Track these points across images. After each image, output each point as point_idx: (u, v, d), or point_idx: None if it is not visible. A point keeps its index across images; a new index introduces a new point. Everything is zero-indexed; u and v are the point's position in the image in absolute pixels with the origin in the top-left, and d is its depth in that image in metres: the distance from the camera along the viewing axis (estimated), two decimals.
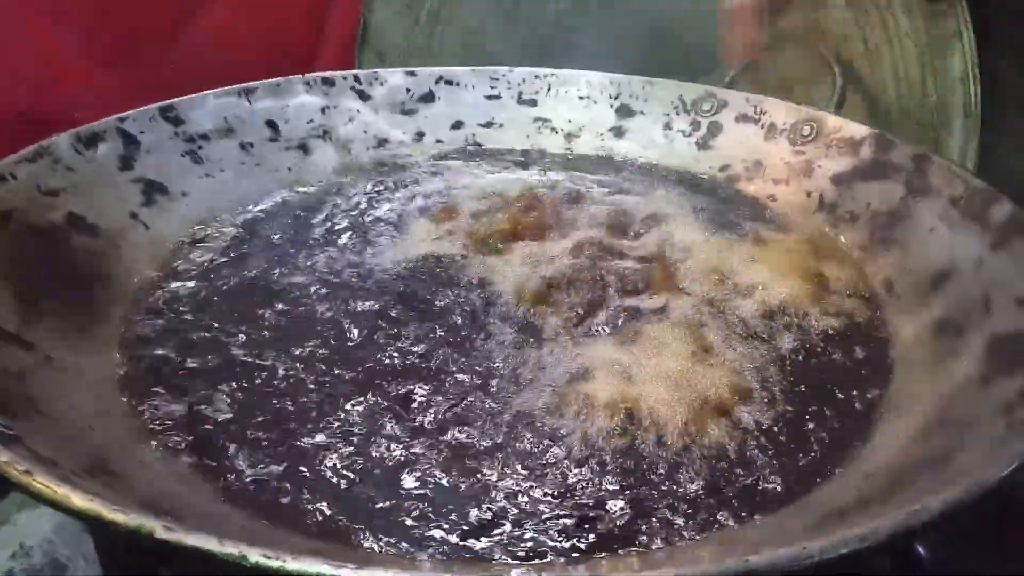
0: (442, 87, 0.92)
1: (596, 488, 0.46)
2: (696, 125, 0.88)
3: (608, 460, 0.47)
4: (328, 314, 0.60)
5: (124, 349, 0.56)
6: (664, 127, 0.89)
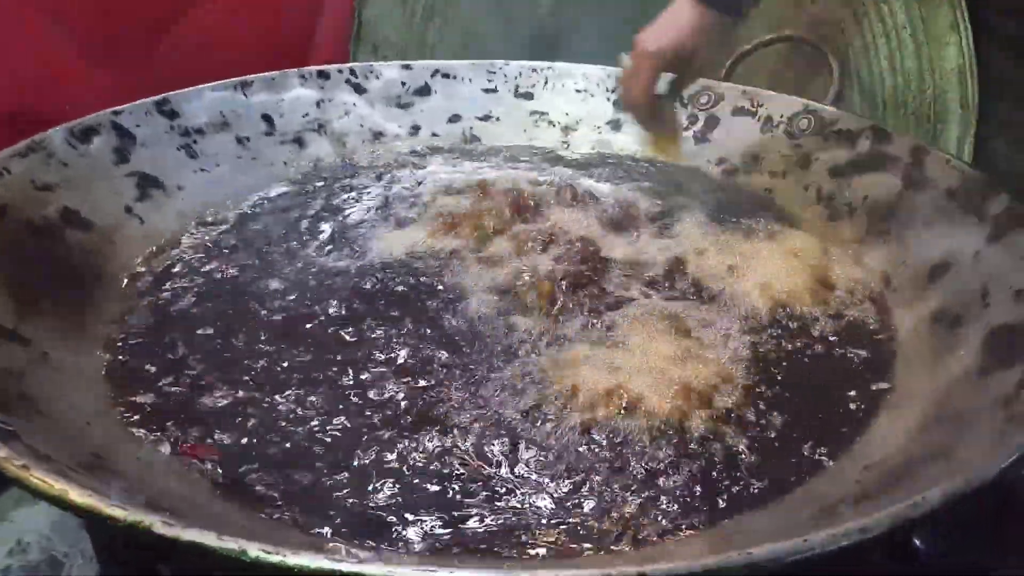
0: (438, 80, 0.91)
1: (595, 480, 0.46)
2: (693, 118, 0.87)
3: (607, 451, 0.47)
4: (323, 310, 0.60)
5: (119, 345, 0.56)
6: None
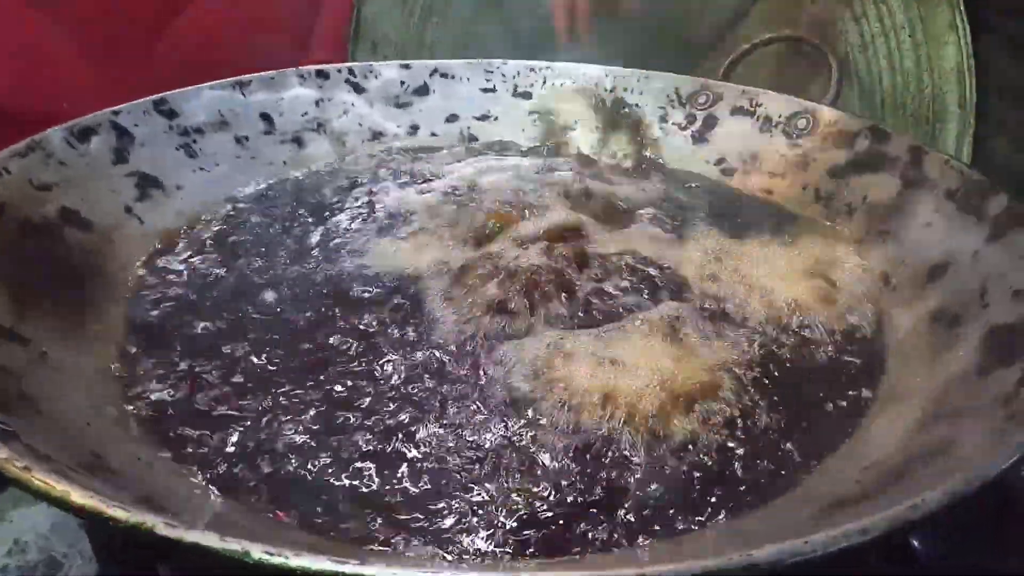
0: (437, 80, 0.91)
1: (591, 482, 0.46)
2: (692, 118, 0.87)
3: (608, 452, 0.47)
4: (322, 313, 0.60)
5: (118, 345, 0.56)
6: (660, 120, 0.89)
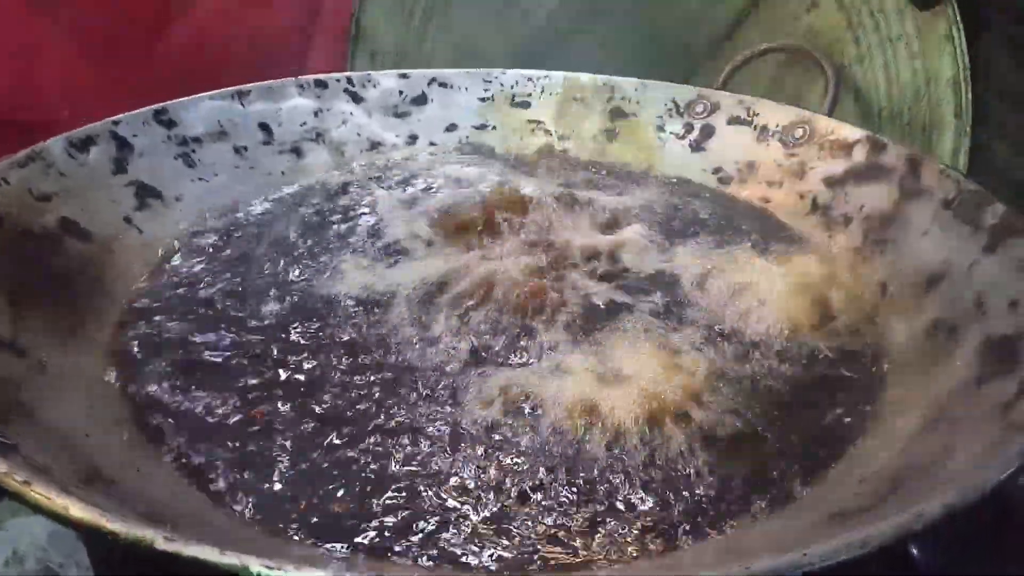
0: (435, 89, 0.91)
1: (587, 493, 0.46)
2: (689, 127, 0.88)
3: (612, 464, 0.47)
4: (320, 322, 0.60)
5: (117, 355, 0.56)
6: (657, 129, 0.89)
